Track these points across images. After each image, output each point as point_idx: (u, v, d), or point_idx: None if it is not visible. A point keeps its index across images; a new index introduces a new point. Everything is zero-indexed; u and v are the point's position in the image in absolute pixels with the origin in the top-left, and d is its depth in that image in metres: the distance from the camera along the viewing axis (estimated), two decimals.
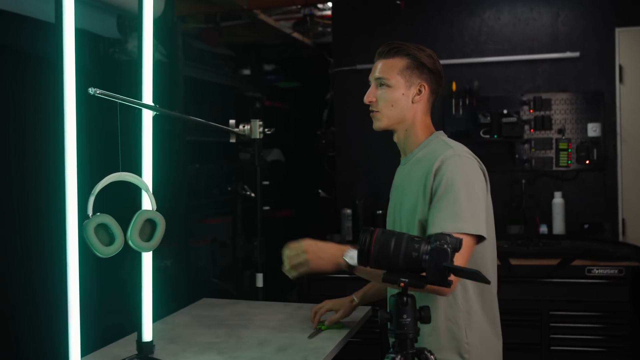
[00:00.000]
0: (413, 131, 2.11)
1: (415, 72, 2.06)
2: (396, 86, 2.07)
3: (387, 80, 2.07)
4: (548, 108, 4.29)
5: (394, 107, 2.08)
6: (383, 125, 2.13)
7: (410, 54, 2.06)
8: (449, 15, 4.51)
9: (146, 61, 2.07)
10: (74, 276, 1.73)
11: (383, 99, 2.09)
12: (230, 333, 2.37)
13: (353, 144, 4.70)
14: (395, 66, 2.07)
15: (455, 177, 1.92)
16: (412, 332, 1.56)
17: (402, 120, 2.10)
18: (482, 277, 1.48)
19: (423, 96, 2.08)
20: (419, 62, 2.06)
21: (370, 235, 1.57)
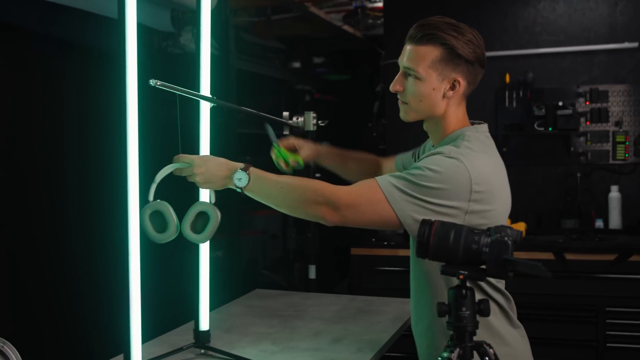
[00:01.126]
0: (442, 125, 1.89)
1: (450, 64, 1.79)
2: (427, 79, 1.81)
3: (416, 72, 1.81)
4: (605, 100, 4.20)
5: (422, 102, 1.84)
6: (410, 118, 1.91)
7: (446, 43, 1.77)
8: (503, 6, 4.44)
9: (204, 53, 2.10)
10: (135, 266, 1.77)
11: (411, 92, 1.84)
12: (284, 324, 2.39)
13: (404, 137, 4.66)
14: (427, 56, 1.79)
15: (421, 164, 1.73)
16: (471, 325, 1.55)
17: (432, 115, 1.88)
18: (544, 270, 1.46)
19: (457, 91, 1.83)
20: (455, 53, 1.78)
21: (429, 227, 1.56)
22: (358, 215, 1.74)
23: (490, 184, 1.75)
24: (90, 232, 3.12)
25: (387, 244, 4.12)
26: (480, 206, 1.72)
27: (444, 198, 1.69)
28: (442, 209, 1.69)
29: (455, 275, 1.55)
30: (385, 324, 2.35)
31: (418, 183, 1.70)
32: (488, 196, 1.74)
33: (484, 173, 1.74)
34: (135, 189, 1.75)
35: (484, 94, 4.43)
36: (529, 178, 4.37)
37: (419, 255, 1.59)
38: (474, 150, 1.78)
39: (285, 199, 1.80)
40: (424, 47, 1.80)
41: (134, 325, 1.77)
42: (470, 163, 1.72)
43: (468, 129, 1.86)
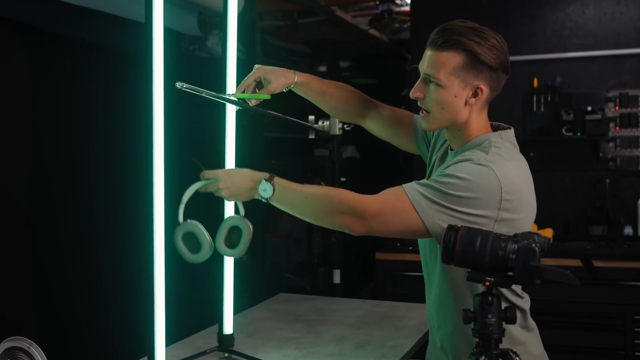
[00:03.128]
0: (464, 132, 1.81)
1: (472, 71, 1.73)
2: (449, 87, 1.73)
3: (437, 79, 1.73)
4: (635, 105, 4.14)
5: (444, 110, 1.76)
6: (433, 128, 1.84)
7: (468, 49, 1.70)
8: (531, 9, 4.40)
9: (230, 57, 2.10)
10: (160, 269, 1.77)
11: (432, 100, 1.77)
12: (308, 328, 2.38)
13: None
14: (449, 63, 1.72)
15: (447, 172, 1.69)
16: (497, 333, 1.52)
17: (454, 123, 1.80)
18: (572, 277, 1.43)
19: (479, 98, 1.76)
20: (478, 60, 1.71)
21: (455, 233, 1.54)
22: (384, 225, 1.72)
23: (519, 192, 1.71)
24: (115, 234, 3.15)
25: (412, 249, 4.09)
26: (509, 215, 1.68)
27: (473, 207, 1.65)
28: (472, 217, 1.65)
29: (482, 282, 1.53)
30: (410, 329, 2.33)
31: (447, 192, 1.65)
32: (517, 205, 1.69)
33: (514, 182, 1.70)
34: (161, 191, 1.76)
35: (511, 98, 4.39)
36: (557, 184, 4.32)
37: (444, 261, 1.57)
38: (503, 157, 1.73)
39: (310, 209, 1.78)
40: (445, 53, 1.73)
41: (159, 328, 1.77)
42: (500, 171, 1.67)
43: (493, 135, 1.81)
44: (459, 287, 1.81)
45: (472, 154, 1.75)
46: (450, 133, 1.86)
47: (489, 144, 1.77)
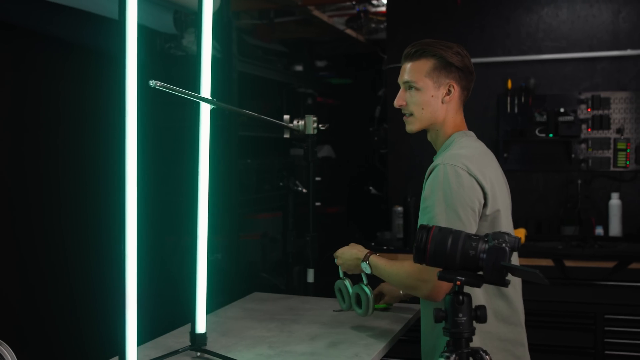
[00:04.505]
0: (442, 131, 2.13)
1: (442, 72, 2.06)
2: (425, 88, 2.07)
3: (415, 83, 2.08)
4: (607, 107, 4.20)
5: (424, 109, 2.09)
6: (415, 128, 2.15)
7: (437, 54, 2.06)
8: (506, 11, 4.44)
9: (205, 55, 2.09)
10: (131, 267, 1.76)
11: (413, 102, 2.10)
12: (282, 327, 2.38)
13: (405, 141, 4.67)
14: (422, 68, 2.07)
15: (432, 187, 1.99)
16: (468, 332, 1.54)
17: (434, 122, 2.11)
18: (541, 277, 1.45)
19: (453, 95, 2.08)
20: (446, 62, 2.06)
21: (427, 232, 1.56)
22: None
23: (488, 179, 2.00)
24: (87, 233, 3.12)
25: (387, 248, 4.11)
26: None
27: (471, 203, 1.93)
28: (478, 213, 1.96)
29: (453, 281, 1.54)
30: (383, 329, 2.34)
31: (450, 204, 1.92)
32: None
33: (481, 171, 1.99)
34: (134, 190, 1.74)
35: (485, 100, 4.43)
36: (530, 184, 4.37)
37: (416, 261, 1.59)
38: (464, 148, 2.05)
39: (397, 284, 2.19)
40: (418, 62, 2.08)
41: (130, 327, 1.76)
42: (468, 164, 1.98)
43: (460, 135, 2.12)
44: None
45: (439, 159, 2.04)
46: (432, 135, 2.17)
47: (451, 147, 2.08)
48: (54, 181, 3.05)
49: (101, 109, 2.95)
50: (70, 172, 3.12)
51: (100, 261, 2.89)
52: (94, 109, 3.15)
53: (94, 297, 3.01)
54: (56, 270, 3.02)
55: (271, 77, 5.03)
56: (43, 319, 2.95)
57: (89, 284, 3.06)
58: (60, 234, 3.07)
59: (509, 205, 2.13)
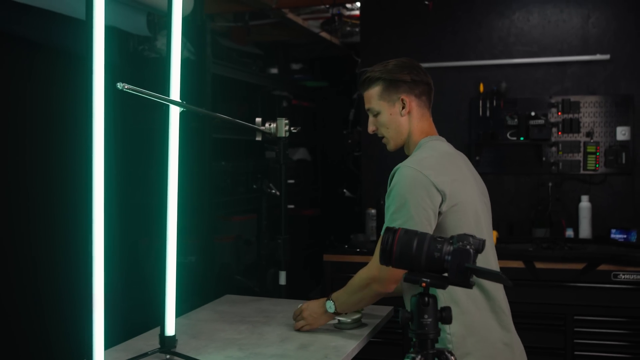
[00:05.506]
0: (411, 140, 2.24)
1: (391, 90, 2.19)
2: (382, 110, 2.21)
3: (373, 109, 2.23)
4: (576, 111, 4.25)
5: (389, 128, 2.23)
6: (391, 147, 2.29)
7: (381, 78, 2.19)
8: (478, 16, 4.48)
9: (174, 58, 2.09)
10: (98, 269, 1.75)
11: (380, 125, 2.24)
12: (252, 329, 2.39)
13: (379, 144, 4.64)
14: (373, 94, 2.22)
15: (392, 187, 2.08)
16: (433, 333, 1.56)
17: (403, 136, 2.24)
18: (504, 278, 1.48)
19: (409, 106, 2.19)
20: (390, 81, 2.18)
21: (393, 235, 1.58)
22: (392, 271, 1.90)
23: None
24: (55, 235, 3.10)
25: (360, 250, 4.13)
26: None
27: (423, 203, 2.01)
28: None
29: (418, 282, 1.56)
30: (352, 331, 2.35)
31: (404, 204, 2.01)
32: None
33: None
34: (100, 192, 1.74)
35: (458, 103, 4.46)
36: (502, 187, 4.41)
37: (382, 263, 1.60)
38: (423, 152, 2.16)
39: (359, 301, 2.23)
40: (370, 89, 2.24)
41: (97, 330, 1.76)
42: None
43: (426, 141, 2.21)
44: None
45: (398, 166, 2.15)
46: (406, 148, 2.27)
47: (418, 148, 2.20)
48: (22, 183, 3.03)
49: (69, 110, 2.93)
50: (37, 173, 3.09)
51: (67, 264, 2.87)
52: (61, 110, 3.12)
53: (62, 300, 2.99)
54: (23, 272, 2.99)
55: (246, 80, 5.03)
56: (9, 321, 2.92)
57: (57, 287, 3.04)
58: (28, 235, 3.04)
59: (481, 202, 2.17)
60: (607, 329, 3.67)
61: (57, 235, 3.08)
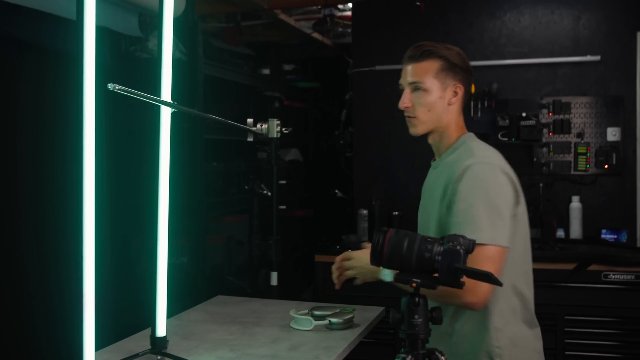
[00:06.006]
0: (447, 133, 2.10)
1: (449, 73, 2.04)
2: (432, 90, 2.04)
3: (422, 84, 2.04)
4: (567, 112, 4.27)
5: (431, 111, 2.06)
6: (420, 130, 2.11)
7: (443, 56, 2.04)
8: (469, 17, 4.50)
9: (165, 58, 2.09)
10: (89, 270, 1.75)
11: (419, 104, 2.06)
12: (244, 330, 2.39)
13: (371, 145, 4.70)
14: (429, 69, 2.04)
15: (471, 187, 1.93)
16: (424, 333, 1.57)
17: (439, 124, 2.09)
18: (495, 279, 1.48)
19: (458, 97, 2.08)
20: (452, 63, 2.04)
21: (383, 235, 1.58)
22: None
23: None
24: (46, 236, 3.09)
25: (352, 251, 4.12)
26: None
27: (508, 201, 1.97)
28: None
29: (409, 283, 1.56)
30: (345, 331, 2.35)
31: (492, 202, 1.92)
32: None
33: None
34: (91, 191, 1.73)
35: None
36: None
37: (373, 263, 1.60)
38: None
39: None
40: (424, 62, 2.04)
41: (87, 331, 1.75)
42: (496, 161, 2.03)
43: (470, 137, 2.12)
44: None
45: (469, 160, 2.00)
46: (435, 138, 2.13)
47: (469, 148, 2.07)
48: (12, 184, 3.02)
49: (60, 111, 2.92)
50: (28, 174, 3.08)
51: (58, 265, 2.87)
52: (52, 111, 3.11)
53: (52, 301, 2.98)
54: (14, 273, 2.99)
55: (238, 81, 5.03)
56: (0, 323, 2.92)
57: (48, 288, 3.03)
58: (19, 237, 3.03)
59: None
60: (598, 329, 3.69)
61: (48, 236, 3.07)
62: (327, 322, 2.36)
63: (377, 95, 4.64)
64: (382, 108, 4.62)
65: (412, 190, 4.47)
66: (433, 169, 2.19)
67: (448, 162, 2.08)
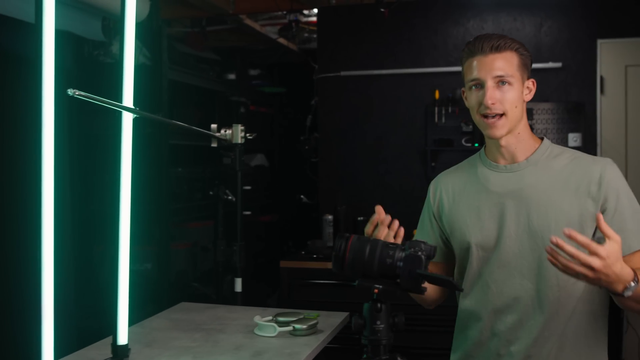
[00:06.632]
0: (525, 134, 1.91)
1: (525, 68, 1.88)
2: (516, 83, 1.84)
3: (509, 77, 1.83)
4: (530, 117, 4.32)
5: (517, 108, 1.85)
6: (506, 131, 1.87)
7: (518, 50, 1.86)
8: (433, 23, 4.53)
9: (127, 63, 2.07)
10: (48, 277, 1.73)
11: (507, 100, 1.83)
12: (207, 337, 2.37)
13: (336, 150, 4.71)
14: (512, 61, 1.84)
15: (626, 189, 1.84)
16: (386, 338, 1.57)
17: (519, 122, 1.89)
18: (456, 285, 1.49)
19: (532, 93, 1.91)
20: (525, 57, 1.88)
21: (345, 241, 1.58)
22: None
23: None
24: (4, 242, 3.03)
25: (317, 256, 4.13)
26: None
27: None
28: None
29: (371, 289, 1.57)
30: (309, 337, 2.35)
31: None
32: None
33: None
34: (50, 197, 1.71)
35: (414, 109, 4.51)
36: None
37: (335, 270, 1.60)
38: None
39: None
40: (505, 54, 1.83)
41: (46, 339, 1.72)
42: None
43: (546, 140, 1.97)
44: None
45: (593, 158, 1.91)
46: (510, 139, 1.90)
47: (573, 150, 1.95)
48: None
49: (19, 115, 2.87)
50: None
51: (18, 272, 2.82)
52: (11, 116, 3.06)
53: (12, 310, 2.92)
54: None
55: (203, 86, 5.01)
56: None
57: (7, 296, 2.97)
58: None
59: None
60: None
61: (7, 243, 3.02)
62: (291, 328, 2.35)
63: (343, 101, 4.65)
64: (348, 113, 4.64)
65: (377, 195, 4.50)
66: (510, 172, 1.94)
67: (549, 164, 1.91)
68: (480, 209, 1.96)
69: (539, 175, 1.90)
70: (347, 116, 4.63)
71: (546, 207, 1.86)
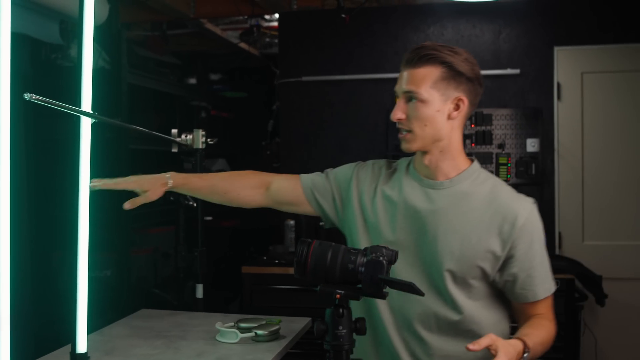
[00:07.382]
0: (450, 154, 1.82)
1: (452, 83, 1.75)
2: (430, 101, 1.74)
3: (419, 94, 1.74)
4: (489, 123, 4.38)
5: (427, 126, 1.76)
6: (415, 147, 1.81)
7: (446, 62, 1.74)
8: (394, 29, 4.57)
9: (85, 67, 2.04)
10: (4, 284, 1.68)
11: (415, 117, 1.76)
12: (168, 344, 2.35)
13: (297, 156, 4.72)
14: (428, 77, 1.74)
15: (540, 236, 1.83)
16: (348, 344, 1.57)
17: (438, 140, 1.80)
18: (417, 289, 1.50)
19: (461, 111, 1.79)
20: (455, 71, 1.75)
21: (307, 247, 1.58)
22: None
23: None
24: None
25: (278, 262, 4.12)
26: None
27: None
28: None
29: (333, 294, 1.57)
30: (271, 343, 2.34)
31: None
32: None
33: None
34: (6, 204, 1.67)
35: (375, 115, 4.53)
36: None
37: (297, 275, 1.60)
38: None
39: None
40: (423, 69, 1.75)
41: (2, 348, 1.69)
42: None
43: (477, 164, 1.90)
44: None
45: (520, 199, 1.84)
46: (432, 158, 1.83)
47: (499, 181, 1.89)
48: None
49: None
50: None
51: None
52: None
53: None
54: None
55: (164, 90, 4.97)
56: None
57: None
58: None
59: None
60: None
61: None
62: (253, 334, 2.34)
63: (304, 106, 4.66)
64: (309, 119, 4.65)
65: None
66: (430, 188, 1.86)
67: (466, 191, 1.83)
68: (395, 216, 1.89)
69: (457, 200, 1.82)
70: (308, 121, 4.64)
71: (453, 234, 1.80)
